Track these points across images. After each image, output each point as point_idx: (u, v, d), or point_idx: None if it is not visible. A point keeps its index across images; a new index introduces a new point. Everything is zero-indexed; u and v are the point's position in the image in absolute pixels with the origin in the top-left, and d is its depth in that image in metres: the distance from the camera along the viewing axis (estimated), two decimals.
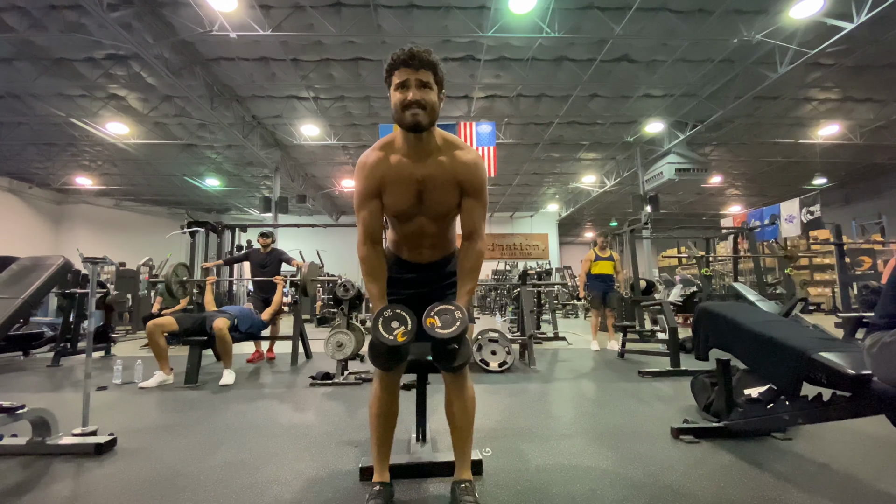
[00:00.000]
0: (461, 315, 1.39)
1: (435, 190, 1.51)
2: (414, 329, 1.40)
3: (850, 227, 11.39)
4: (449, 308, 1.41)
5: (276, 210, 13.27)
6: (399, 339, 1.37)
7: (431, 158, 1.50)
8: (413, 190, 1.50)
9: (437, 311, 1.41)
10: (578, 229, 25.05)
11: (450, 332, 1.36)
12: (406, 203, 1.52)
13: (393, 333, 1.38)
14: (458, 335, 1.36)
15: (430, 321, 1.39)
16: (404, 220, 1.57)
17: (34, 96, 9.59)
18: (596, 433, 2.38)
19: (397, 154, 1.51)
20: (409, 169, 1.49)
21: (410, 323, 1.40)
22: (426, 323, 1.39)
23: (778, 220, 11.89)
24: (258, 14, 7.05)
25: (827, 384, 1.60)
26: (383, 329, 1.39)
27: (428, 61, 1.42)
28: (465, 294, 1.51)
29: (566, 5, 7.05)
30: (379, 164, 1.51)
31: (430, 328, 1.37)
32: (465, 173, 1.52)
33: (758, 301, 5.12)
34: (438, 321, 1.38)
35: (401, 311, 1.42)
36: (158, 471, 1.91)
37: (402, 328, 1.39)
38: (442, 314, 1.40)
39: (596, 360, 4.94)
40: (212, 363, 4.68)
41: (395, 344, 1.37)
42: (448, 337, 1.35)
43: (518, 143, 12.52)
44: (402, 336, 1.38)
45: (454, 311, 1.40)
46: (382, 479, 1.60)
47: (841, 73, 8.98)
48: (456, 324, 1.37)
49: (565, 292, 12.62)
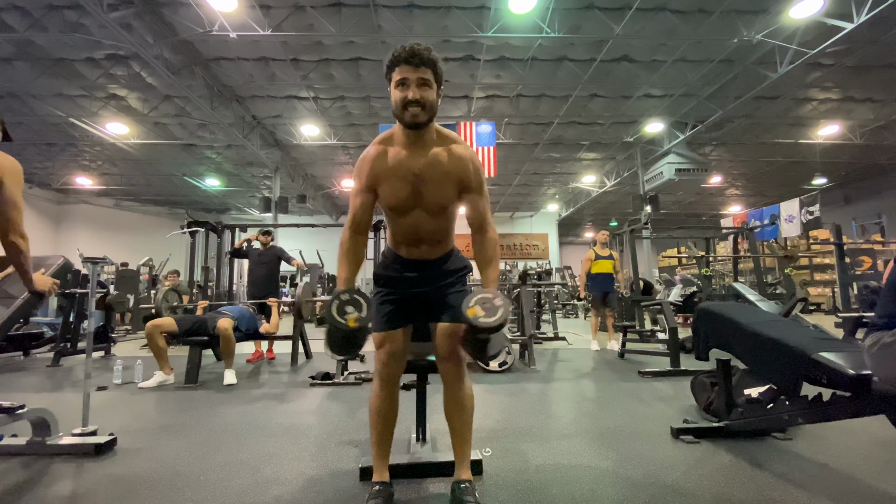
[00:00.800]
0: (501, 302, 1.33)
1: (431, 183, 1.53)
2: (369, 316, 1.34)
3: (850, 227, 11.39)
4: (487, 296, 1.35)
5: (276, 210, 13.26)
6: (350, 325, 1.31)
7: (428, 152, 1.54)
8: (409, 183, 1.53)
9: (476, 300, 1.33)
10: (578, 229, 25.05)
11: (494, 320, 1.29)
12: (402, 195, 1.54)
13: (345, 317, 1.32)
14: (503, 323, 1.31)
15: (472, 311, 1.31)
16: (401, 214, 1.58)
17: (34, 96, 9.59)
18: (596, 433, 2.38)
19: (396, 147, 1.55)
20: (407, 162, 1.53)
21: (365, 308, 1.34)
22: (467, 314, 1.31)
23: (778, 220, 11.89)
24: (258, 14, 7.05)
25: (827, 384, 1.60)
26: (336, 313, 1.32)
27: (428, 59, 1.45)
28: (492, 283, 1.50)
29: (566, 5, 7.05)
30: (377, 158, 1.55)
31: (472, 318, 1.30)
32: (462, 169, 1.54)
33: (758, 301, 5.12)
34: (480, 310, 1.31)
35: (358, 296, 1.36)
36: (158, 471, 1.91)
37: (357, 313, 1.32)
38: (482, 303, 1.33)
39: (596, 360, 4.94)
40: (212, 363, 4.68)
41: (345, 328, 1.31)
42: (493, 325, 1.29)
43: (518, 143, 12.52)
44: (353, 321, 1.31)
45: (493, 298, 1.33)
46: (382, 479, 1.60)
47: (841, 73, 8.98)
48: (499, 311, 1.30)
49: (565, 292, 12.62)
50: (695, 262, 8.11)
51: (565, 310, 13.03)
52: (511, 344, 4.44)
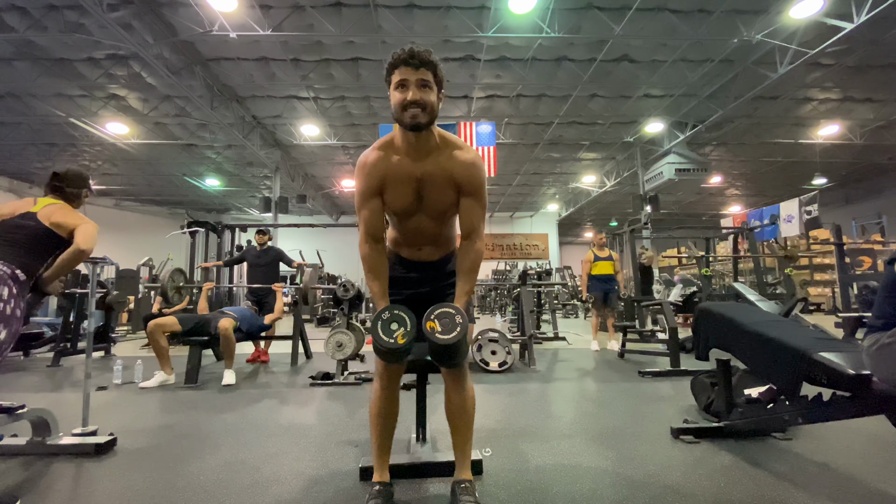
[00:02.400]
0: (461, 319, 1.38)
1: (433, 188, 1.52)
2: (413, 330, 1.39)
3: (850, 227, 11.39)
4: (448, 311, 1.40)
5: (276, 210, 13.27)
6: (399, 342, 1.37)
7: (430, 157, 1.52)
8: (412, 188, 1.51)
9: (436, 314, 1.40)
10: (578, 229, 25.05)
11: (450, 337, 1.36)
12: (406, 201, 1.53)
13: (393, 336, 1.38)
14: (458, 342, 1.36)
15: (431, 325, 1.38)
16: (404, 218, 1.58)
17: (34, 96, 9.59)
18: (596, 433, 2.38)
19: (397, 153, 1.52)
20: (409, 167, 1.51)
21: (410, 324, 1.40)
22: (426, 327, 1.38)
23: (778, 220, 11.89)
24: (258, 14, 7.05)
25: (827, 384, 1.60)
26: (383, 332, 1.38)
27: (428, 61, 1.44)
28: (464, 294, 1.51)
29: (566, 5, 7.05)
30: (379, 163, 1.53)
31: (430, 332, 1.37)
32: (463, 173, 1.52)
33: (758, 301, 5.12)
34: (438, 325, 1.38)
35: (400, 312, 1.42)
36: (158, 471, 1.91)
37: (402, 329, 1.39)
38: (441, 318, 1.39)
39: (596, 360, 4.94)
40: (212, 363, 4.68)
41: (395, 347, 1.37)
42: (448, 343, 1.35)
43: (518, 143, 12.52)
44: (402, 338, 1.37)
45: (454, 314, 1.39)
46: (382, 478, 1.60)
47: (841, 73, 8.98)
48: (456, 329, 1.36)
49: (565, 292, 12.63)
50: (695, 262, 8.11)
51: (565, 310, 13.04)
52: (511, 344, 4.44)
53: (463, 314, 1.40)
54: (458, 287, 1.53)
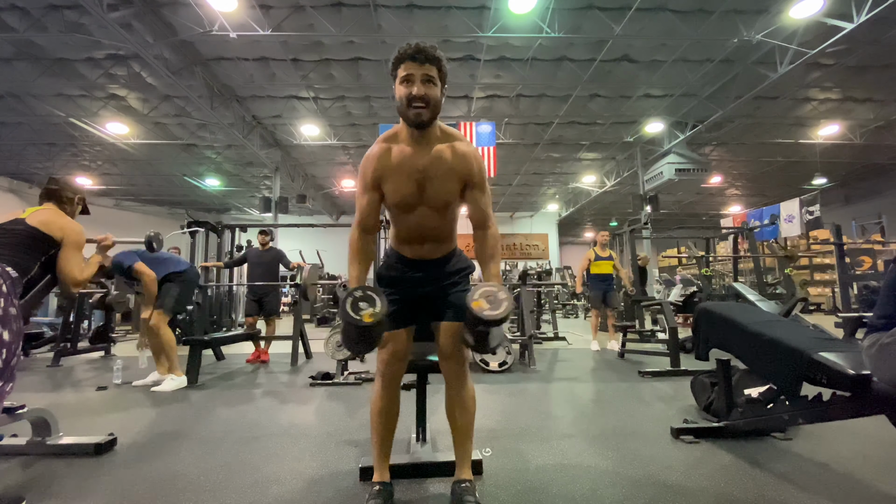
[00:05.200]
0: (505, 295, 1.35)
1: (435, 179, 1.55)
2: (383, 311, 1.34)
3: (850, 227, 11.39)
4: (491, 290, 1.36)
5: (276, 210, 13.26)
6: (365, 321, 1.30)
7: (432, 149, 1.56)
8: (414, 179, 1.54)
9: (480, 293, 1.35)
10: (578, 229, 25.03)
11: (499, 312, 1.31)
12: (407, 192, 1.55)
13: (360, 314, 1.32)
14: (508, 315, 1.32)
15: (477, 304, 1.32)
16: (406, 211, 1.59)
17: (34, 96, 9.58)
18: (596, 433, 2.38)
19: (400, 145, 1.57)
20: (411, 159, 1.54)
21: (380, 305, 1.34)
22: (472, 306, 1.32)
23: (778, 220, 11.89)
24: (258, 14, 7.04)
25: (827, 384, 1.60)
26: (351, 309, 1.32)
27: (433, 56, 1.49)
28: (494, 277, 1.53)
29: (566, 5, 7.04)
30: (382, 156, 1.57)
31: (478, 311, 1.32)
32: (465, 165, 1.57)
33: (758, 301, 5.12)
34: (485, 303, 1.33)
35: (372, 292, 1.36)
36: (158, 471, 1.91)
37: (371, 309, 1.32)
38: (487, 296, 1.34)
39: (596, 360, 4.94)
40: (212, 363, 4.68)
41: (362, 324, 1.31)
42: (498, 318, 1.31)
43: (518, 143, 12.51)
44: (369, 317, 1.30)
45: (497, 291, 1.35)
46: (382, 478, 1.60)
47: (841, 73, 8.97)
48: (503, 304, 1.33)
49: (565, 292, 12.63)
50: (695, 262, 8.11)
51: (565, 310, 13.04)
52: (511, 344, 4.44)
53: (505, 290, 1.38)
54: (487, 271, 1.56)
